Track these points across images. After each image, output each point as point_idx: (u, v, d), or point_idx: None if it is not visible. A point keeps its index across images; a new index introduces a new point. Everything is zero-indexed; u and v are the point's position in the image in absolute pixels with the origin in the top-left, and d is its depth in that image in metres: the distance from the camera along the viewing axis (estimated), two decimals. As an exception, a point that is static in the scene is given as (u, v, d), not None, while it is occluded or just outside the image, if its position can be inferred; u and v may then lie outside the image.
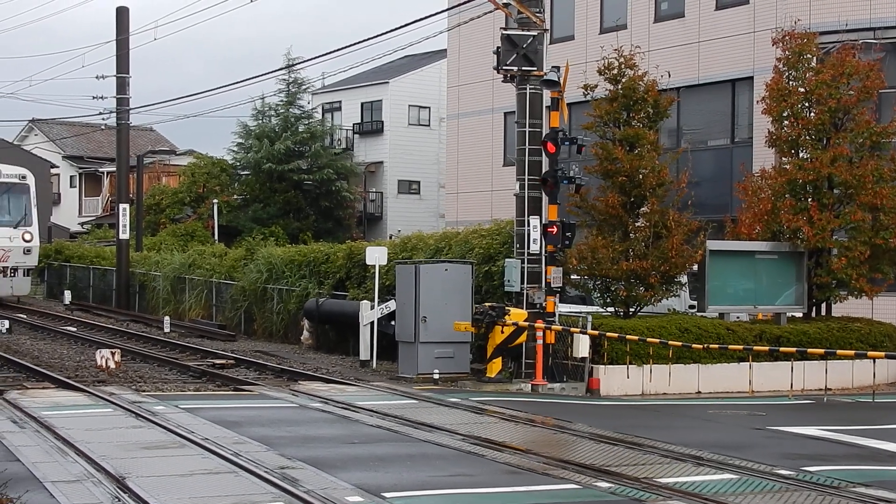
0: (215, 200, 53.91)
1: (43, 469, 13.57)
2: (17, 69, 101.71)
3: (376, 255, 27.22)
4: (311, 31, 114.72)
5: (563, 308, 24.91)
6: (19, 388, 21.67)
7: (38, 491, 12.36)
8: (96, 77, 46.28)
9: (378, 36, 34.47)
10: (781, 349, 23.37)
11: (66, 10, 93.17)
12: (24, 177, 42.79)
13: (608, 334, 22.84)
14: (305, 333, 32.43)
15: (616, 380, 23.16)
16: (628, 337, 22.74)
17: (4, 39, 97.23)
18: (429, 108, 61.86)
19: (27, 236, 42.06)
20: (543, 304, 24.04)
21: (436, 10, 45.63)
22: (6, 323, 32.95)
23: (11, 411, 18.41)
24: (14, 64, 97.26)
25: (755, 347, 23.40)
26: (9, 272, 41.88)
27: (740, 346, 23.37)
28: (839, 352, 23.32)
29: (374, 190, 61.73)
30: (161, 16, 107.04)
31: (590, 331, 22.90)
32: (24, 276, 42.47)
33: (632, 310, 25.22)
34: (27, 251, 42.02)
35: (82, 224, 72.65)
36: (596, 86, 25.57)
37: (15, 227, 41.84)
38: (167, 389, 22.07)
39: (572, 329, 23.14)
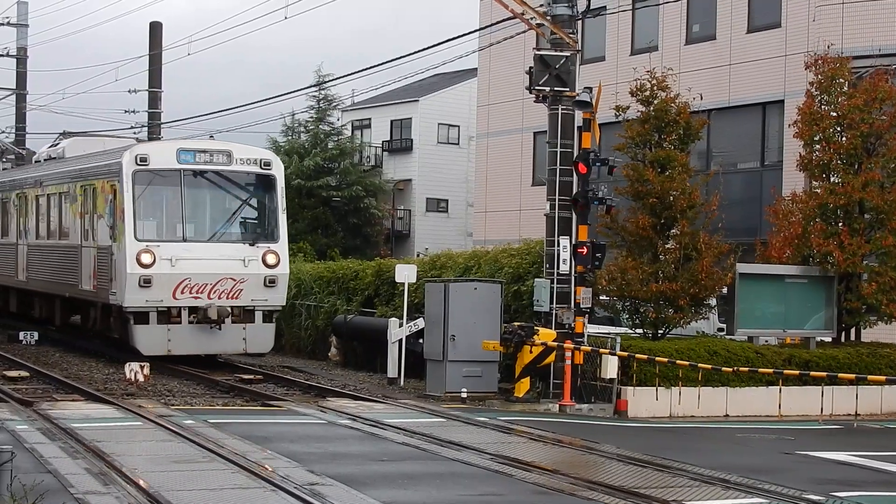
0: (244, 215, 54.01)
1: (74, 481, 13.64)
2: (52, 82, 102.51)
3: (405, 273, 27.25)
4: (345, 47, 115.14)
5: (592, 329, 24.87)
6: (49, 399, 21.78)
7: (70, 502, 12.44)
8: (128, 91, 46.56)
9: (409, 55, 34.50)
10: (811, 374, 23.28)
11: (100, 25, 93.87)
12: (267, 164, 27.79)
13: (637, 356, 22.80)
14: (333, 350, 32.48)
15: (644, 401, 23.11)
16: (658, 359, 22.70)
17: (39, 53, 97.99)
18: (458, 126, 61.97)
19: (271, 258, 27.19)
20: (572, 325, 24.01)
21: (467, 31, 45.64)
22: (35, 335, 32.98)
23: (42, 422, 18.52)
24: (48, 77, 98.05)
25: (785, 371, 23.33)
26: (241, 315, 27.10)
27: (770, 370, 23.30)
28: (870, 377, 23.23)
29: (402, 207, 61.85)
30: (195, 31, 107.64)
31: (619, 352, 22.88)
32: (263, 321, 27.44)
33: (660, 332, 25.18)
34: (271, 282, 27.12)
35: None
36: (628, 107, 25.62)
37: (252, 244, 27.18)
38: (196, 404, 22.14)
39: (601, 350, 23.12)
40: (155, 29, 44.98)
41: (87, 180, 29.14)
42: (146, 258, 26.13)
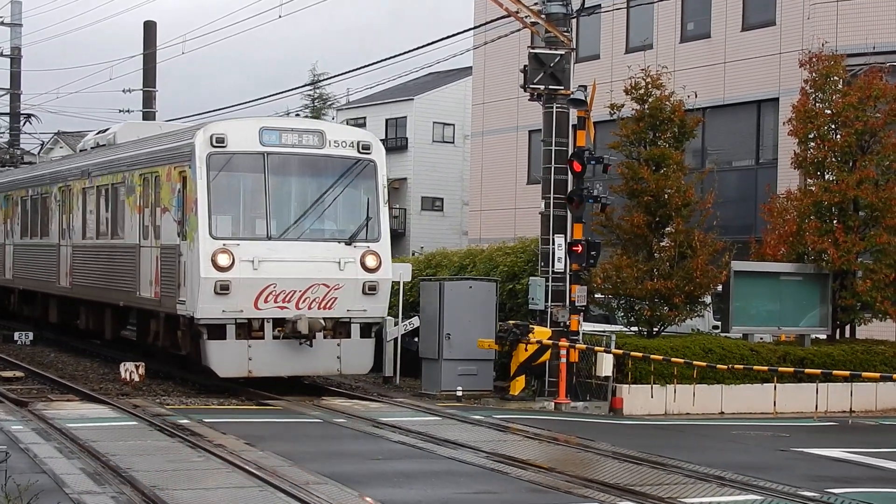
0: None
1: (69, 481, 13.63)
2: (45, 81, 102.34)
3: (400, 272, 27.20)
4: (340, 46, 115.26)
5: (587, 327, 24.89)
6: (44, 399, 21.78)
7: (65, 502, 12.43)
8: (123, 90, 46.54)
9: (404, 53, 34.60)
10: (806, 371, 23.31)
11: (94, 24, 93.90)
12: (366, 147, 23.37)
13: (632, 354, 22.80)
14: (328, 349, 32.32)
15: (639, 399, 23.12)
16: (653, 357, 22.72)
17: (33, 52, 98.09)
18: (453, 125, 62.01)
19: (370, 260, 22.99)
20: (567, 323, 24.03)
21: (462, 28, 45.80)
22: (30, 335, 33.02)
23: (37, 423, 18.50)
24: (42, 76, 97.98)
25: (780, 369, 23.36)
26: (334, 329, 22.99)
27: (765, 367, 23.32)
28: (864, 374, 23.26)
29: (397, 206, 61.85)
30: (190, 30, 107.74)
31: (614, 350, 22.89)
32: (361, 336, 23.20)
33: (655, 329, 25.18)
34: (370, 289, 22.95)
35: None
36: (622, 105, 25.59)
37: (348, 243, 22.90)
38: (191, 403, 22.12)
39: (596, 348, 23.13)
40: (149, 28, 45.08)
41: (149, 167, 25.00)
42: (223, 260, 21.94)
